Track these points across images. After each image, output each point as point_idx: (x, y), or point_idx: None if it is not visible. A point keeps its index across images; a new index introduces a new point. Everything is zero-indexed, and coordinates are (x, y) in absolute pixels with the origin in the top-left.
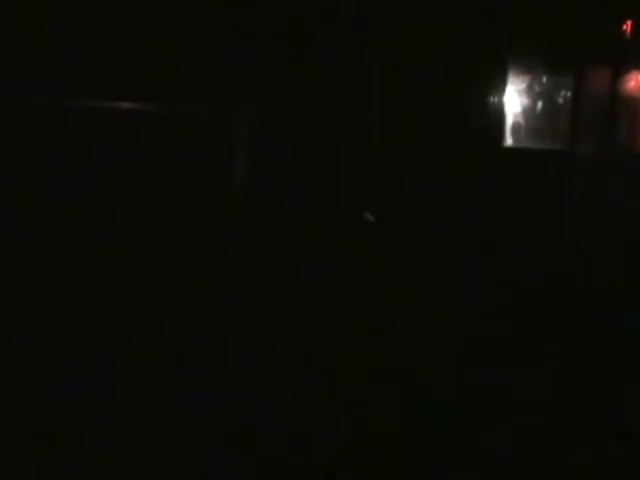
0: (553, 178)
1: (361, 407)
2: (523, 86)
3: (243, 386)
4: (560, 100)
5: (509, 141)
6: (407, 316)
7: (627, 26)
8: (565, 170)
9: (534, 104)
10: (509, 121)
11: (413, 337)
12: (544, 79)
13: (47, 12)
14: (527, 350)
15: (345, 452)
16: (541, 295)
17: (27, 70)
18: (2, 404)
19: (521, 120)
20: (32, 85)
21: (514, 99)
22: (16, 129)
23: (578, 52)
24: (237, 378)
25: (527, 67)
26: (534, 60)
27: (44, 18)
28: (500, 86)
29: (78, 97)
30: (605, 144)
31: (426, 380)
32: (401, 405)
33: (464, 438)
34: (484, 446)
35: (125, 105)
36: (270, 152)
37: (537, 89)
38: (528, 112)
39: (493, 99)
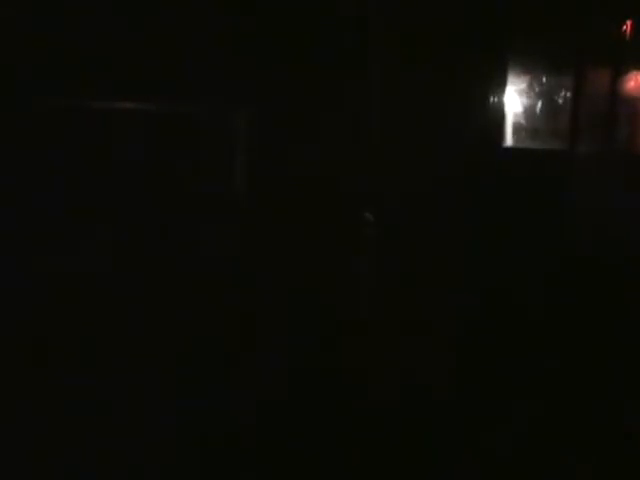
0: (553, 178)
1: (361, 407)
2: (523, 86)
3: (243, 386)
4: (560, 100)
5: (509, 141)
6: (407, 316)
7: (627, 26)
8: (565, 170)
9: (534, 104)
10: (509, 121)
11: (413, 337)
12: (544, 79)
13: (47, 12)
14: (527, 350)
15: (344, 452)
16: (541, 295)
17: (27, 70)
18: (2, 404)
19: (521, 120)
20: (32, 85)
21: (514, 99)
22: (16, 129)
23: (578, 52)
24: (237, 378)
25: (527, 67)
26: (534, 60)
27: (44, 18)
28: (500, 86)
29: (78, 97)
30: (605, 144)
31: (426, 380)
32: (401, 405)
33: (464, 438)
34: (484, 446)
35: (125, 105)
36: (270, 152)
37: (537, 89)
38: (528, 112)
39: (493, 99)
